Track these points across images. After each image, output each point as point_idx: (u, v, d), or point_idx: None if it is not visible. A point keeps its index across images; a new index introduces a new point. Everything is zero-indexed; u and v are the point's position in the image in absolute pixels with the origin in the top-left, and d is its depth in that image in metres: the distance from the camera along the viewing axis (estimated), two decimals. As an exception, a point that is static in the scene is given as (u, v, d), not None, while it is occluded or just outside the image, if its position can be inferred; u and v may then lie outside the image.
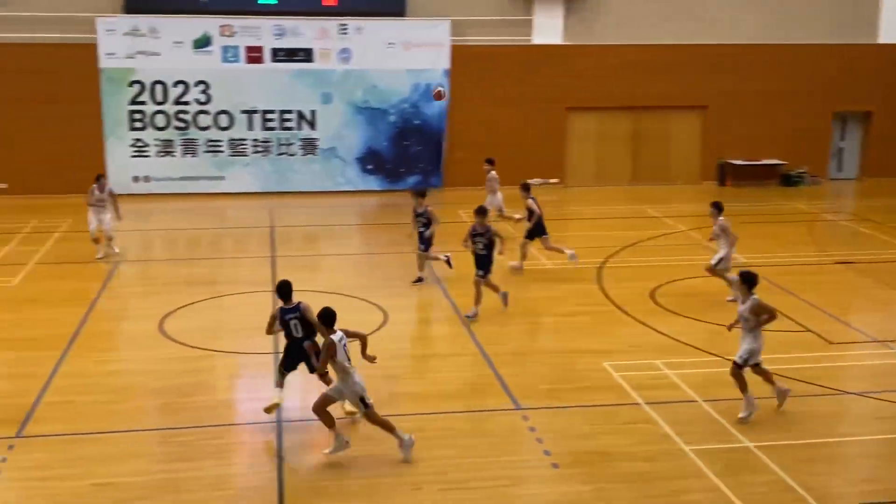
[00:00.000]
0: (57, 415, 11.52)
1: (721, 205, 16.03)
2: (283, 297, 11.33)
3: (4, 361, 13.54)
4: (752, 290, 11.33)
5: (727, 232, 15.91)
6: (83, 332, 14.48)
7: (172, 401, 12.09)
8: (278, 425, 11.34)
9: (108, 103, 24.86)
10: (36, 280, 17.35)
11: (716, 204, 16.00)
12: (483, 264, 15.31)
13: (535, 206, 17.69)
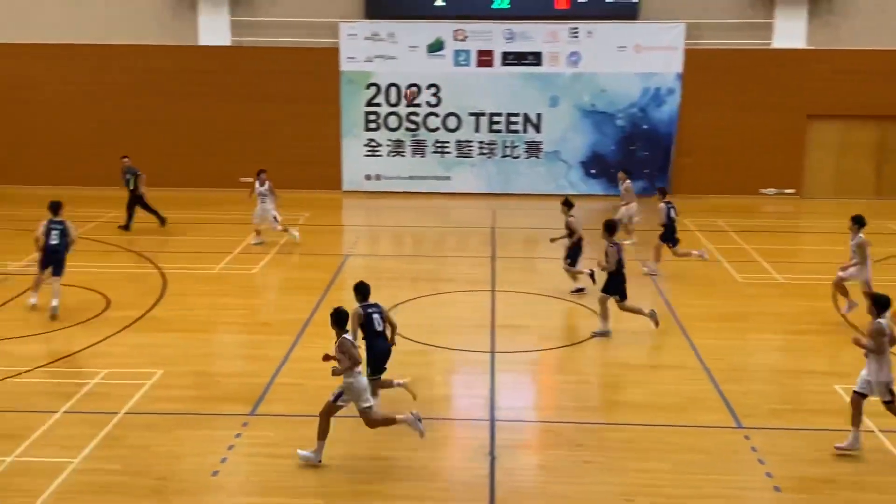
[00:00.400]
0: (287, 396, 12.18)
1: (860, 219, 15.01)
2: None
3: (243, 343, 14.50)
4: (883, 314, 10.37)
5: (863, 249, 14.93)
6: (314, 320, 15.22)
7: (392, 391, 12.47)
8: (491, 423, 11.45)
9: (346, 105, 26.07)
10: (275, 269, 18.43)
11: (855, 218, 15.02)
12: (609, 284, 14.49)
13: (665, 212, 17.58)
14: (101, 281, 17.20)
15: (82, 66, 25.90)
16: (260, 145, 26.15)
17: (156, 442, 10.82)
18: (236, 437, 10.97)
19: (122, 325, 14.88)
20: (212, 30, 25.83)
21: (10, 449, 10.52)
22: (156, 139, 26.05)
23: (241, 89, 25.93)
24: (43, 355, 13.51)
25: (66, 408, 11.67)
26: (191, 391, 12.31)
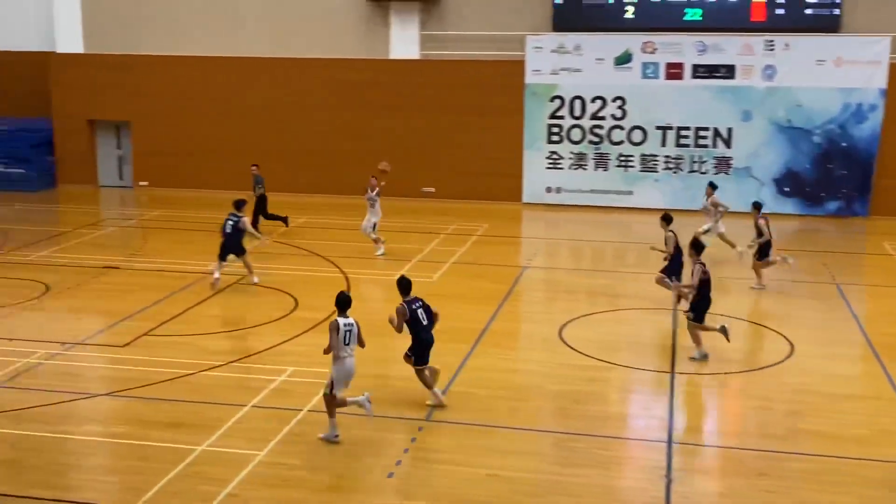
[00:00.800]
0: (461, 404, 12.29)
1: None
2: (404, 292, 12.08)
3: (421, 349, 14.76)
4: None
5: None
6: (490, 330, 15.32)
7: (567, 406, 12.39)
8: (668, 445, 11.16)
9: (530, 117, 26.15)
10: (452, 278, 18.68)
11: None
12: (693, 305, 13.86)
13: (765, 227, 17.39)
14: (291, 283, 17.94)
15: (282, 78, 27.16)
16: (443, 156, 26.63)
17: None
18: (411, 442, 11.17)
19: (307, 325, 15.46)
20: (402, 43, 26.53)
21: (202, 439, 11.13)
22: (347, 149, 26.97)
23: (428, 101, 26.49)
24: (234, 351, 14.22)
25: (255, 402, 12.24)
26: (369, 392, 12.60)
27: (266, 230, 21.48)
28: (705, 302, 13.87)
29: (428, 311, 12.21)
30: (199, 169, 27.78)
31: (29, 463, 10.57)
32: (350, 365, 11.26)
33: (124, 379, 13.12)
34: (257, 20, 27.13)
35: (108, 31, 27.78)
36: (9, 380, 13.01)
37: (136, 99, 27.89)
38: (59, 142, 28.54)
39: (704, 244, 14.59)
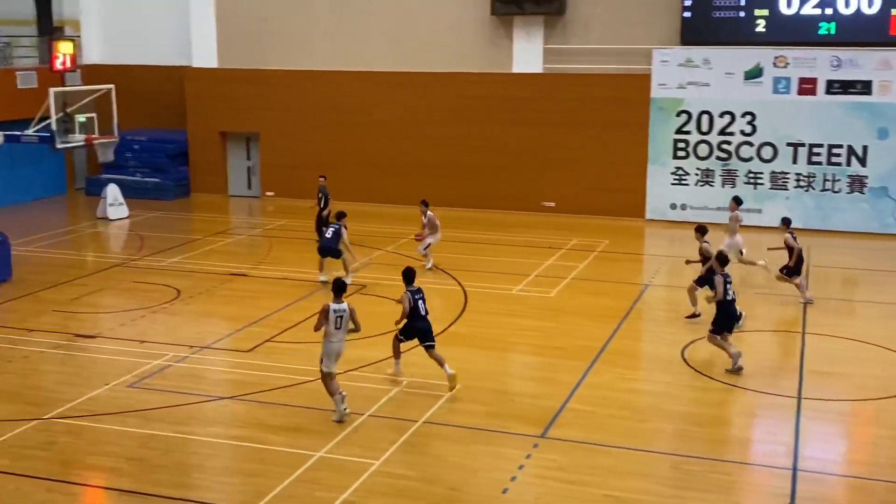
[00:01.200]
0: (578, 422, 12.14)
1: None
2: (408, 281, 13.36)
3: (537, 365, 14.66)
4: None
5: None
6: (609, 348, 15.09)
7: (687, 428, 12.09)
8: (793, 473, 10.74)
9: (655, 132, 25.71)
10: (572, 293, 18.49)
11: None
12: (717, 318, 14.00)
13: (793, 242, 17.33)
14: (409, 294, 18.09)
15: (406, 92, 27.52)
16: (564, 170, 26.45)
17: (450, 453, 11.18)
18: (526, 458, 11.08)
19: (425, 337, 15.55)
20: (526, 57, 26.51)
21: (320, 445, 11.31)
22: (468, 162, 27.10)
23: (550, 115, 26.37)
24: (353, 360, 14.40)
25: (371, 411, 12.37)
26: (485, 407, 12.60)
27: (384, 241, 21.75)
28: (725, 315, 13.94)
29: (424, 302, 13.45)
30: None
31: (156, 462, 10.95)
32: (338, 348, 12.20)
33: (247, 383, 13.47)
34: (383, 35, 27.57)
35: (241, 46, 28.73)
36: (139, 380, 13.54)
37: (266, 112, 28.72)
38: (192, 152, 29.64)
39: (728, 258, 14.76)
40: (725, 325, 14.02)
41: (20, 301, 17.67)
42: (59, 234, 24.10)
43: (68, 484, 10.43)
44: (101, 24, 30.84)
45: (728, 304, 14.00)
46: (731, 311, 14.07)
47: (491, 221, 25.68)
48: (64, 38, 25.54)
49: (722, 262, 14.28)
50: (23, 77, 27.33)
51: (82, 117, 19.22)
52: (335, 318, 12.10)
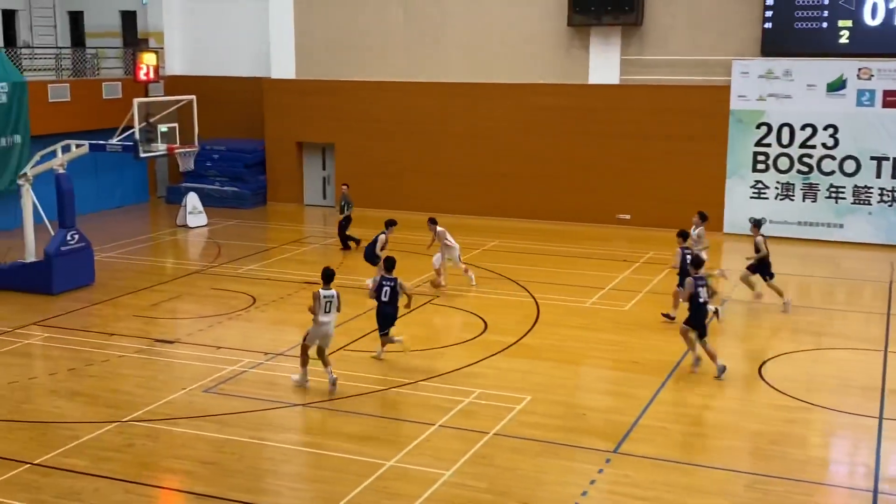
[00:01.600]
0: (651, 438, 11.96)
1: None
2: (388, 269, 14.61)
3: (611, 379, 14.50)
4: None
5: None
6: (684, 363, 14.84)
7: (763, 446, 11.82)
8: (874, 496, 10.41)
9: (734, 144, 25.28)
10: (646, 307, 18.25)
11: None
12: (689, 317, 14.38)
13: (763, 246, 17.69)
14: (481, 306, 18.09)
15: (480, 103, 27.55)
16: (640, 182, 26.18)
17: (521, 465, 11.11)
18: (598, 473, 10.96)
19: (496, 348, 15.52)
20: (602, 68, 26.33)
21: (391, 454, 11.35)
22: (543, 173, 27.01)
23: (626, 126, 26.14)
24: (424, 370, 14.45)
25: (442, 422, 12.37)
26: (557, 420, 12.51)
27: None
28: (696, 314, 14.22)
29: (395, 292, 14.62)
30: (398, 190, 28.57)
31: (230, 466, 11.12)
32: (325, 329, 13.49)
33: (320, 391, 13.59)
34: (459, 47, 27.68)
35: (318, 57, 29.13)
36: (215, 385, 13.77)
37: (341, 122, 29.05)
38: (270, 162, 30.12)
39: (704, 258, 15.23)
40: (696, 324, 14.25)
41: (102, 305, 18.14)
42: (140, 240, 24.69)
43: (145, 486, 10.64)
44: (183, 36, 31.60)
45: (700, 306, 14.22)
46: (702, 312, 14.30)
47: (565, 233, 25.54)
48: (148, 50, 26.30)
49: (696, 265, 14.54)
50: (108, 88, 28.12)
51: (164, 127, 19.65)
52: (325, 303, 13.47)
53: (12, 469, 10.93)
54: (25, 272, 19.11)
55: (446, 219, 26.83)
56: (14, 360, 14.99)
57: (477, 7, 27.35)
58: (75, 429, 12.14)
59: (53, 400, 13.26)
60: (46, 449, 11.50)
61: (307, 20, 29.10)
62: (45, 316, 17.33)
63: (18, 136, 24.89)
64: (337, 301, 13.55)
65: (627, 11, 25.34)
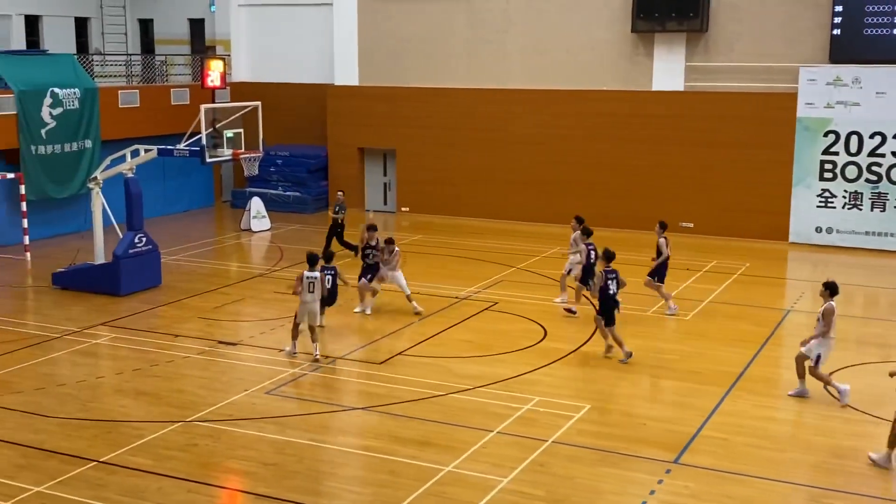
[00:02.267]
0: (712, 449, 11.81)
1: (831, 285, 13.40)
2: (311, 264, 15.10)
3: (671, 389, 14.34)
4: None
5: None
6: (747, 375, 14.63)
7: (827, 460, 11.61)
8: (945, 515, 10.15)
9: (800, 152, 24.84)
10: (709, 317, 18.02)
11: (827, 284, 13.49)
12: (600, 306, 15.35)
13: (664, 248, 17.77)
14: (541, 312, 18.04)
15: (542, 110, 27.49)
16: (703, 190, 25.88)
17: (579, 474, 11.06)
18: (658, 483, 10.85)
19: (555, 356, 15.47)
20: (666, 75, 26.10)
21: (448, 459, 11.38)
22: (604, 179, 26.85)
23: (690, 133, 25.86)
24: (482, 376, 14.46)
25: (500, 429, 12.37)
26: (616, 429, 12.42)
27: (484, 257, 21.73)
28: (606, 305, 15.16)
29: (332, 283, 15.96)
30: (457, 196, 28.63)
31: (290, 468, 11.25)
32: (310, 307, 15.03)
33: (378, 395, 13.69)
34: (521, 53, 27.66)
35: (381, 64, 29.35)
36: (276, 388, 13.95)
37: (402, 129, 29.21)
38: (332, 168, 30.42)
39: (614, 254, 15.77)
40: (605, 314, 15.22)
41: (168, 307, 18.49)
42: (205, 244, 25.12)
43: (207, 486, 10.82)
44: (249, 43, 32.10)
45: (609, 297, 15.16)
46: (611, 304, 15.22)
47: (626, 241, 25.26)
48: (215, 57, 26.75)
49: (608, 259, 15.51)
50: (176, 94, 28.69)
51: (230, 132, 19.97)
52: (308, 284, 14.96)
53: (79, 466, 11.21)
54: (94, 274, 19.58)
55: (506, 225, 26.93)
56: (82, 360, 15.37)
57: (540, 13, 27.32)
58: (140, 428, 12.40)
59: (119, 399, 13.56)
60: (112, 447, 11.76)
61: (371, 27, 29.35)
62: (113, 317, 17.73)
63: (89, 141, 25.53)
64: (319, 282, 15.05)
65: (692, 17, 25.09)
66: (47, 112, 24.27)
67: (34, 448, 11.73)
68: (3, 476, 10.92)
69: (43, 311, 18.39)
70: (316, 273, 15.08)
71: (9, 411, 12.96)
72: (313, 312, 15.16)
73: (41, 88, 24.11)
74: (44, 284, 20.09)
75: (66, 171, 24.91)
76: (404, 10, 28.84)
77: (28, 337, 16.48)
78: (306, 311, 15.09)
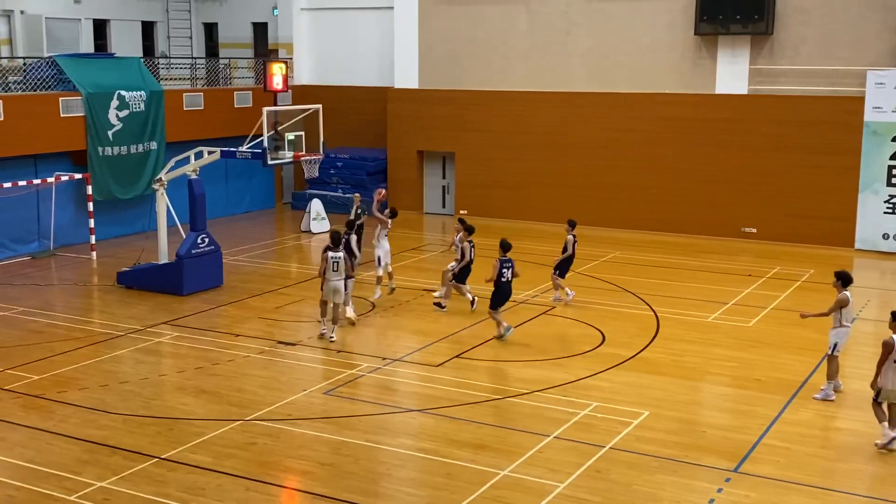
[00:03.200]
0: (774, 458, 11.61)
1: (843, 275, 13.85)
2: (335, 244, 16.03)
3: (732, 397, 14.12)
4: None
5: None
6: (811, 383, 14.35)
7: (892, 472, 11.31)
8: None
9: (867, 157, 24.28)
10: (771, 324, 17.72)
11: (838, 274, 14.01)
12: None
13: (570, 247, 18.46)
14: (599, 317, 17.90)
15: (603, 113, 27.30)
16: (767, 195, 25.44)
17: (637, 481, 10.95)
18: (717, 492, 10.69)
19: (614, 361, 15.34)
20: (729, 78, 25.73)
21: (505, 463, 11.34)
22: (665, 184, 26.57)
23: (753, 137, 25.46)
24: (539, 381, 14.38)
25: (557, 434, 12.29)
26: (675, 437, 12.26)
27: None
28: (499, 294, 16.45)
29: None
30: (516, 200, 28.56)
31: (346, 468, 11.31)
32: (334, 285, 15.93)
33: (434, 397, 13.71)
34: (582, 56, 27.50)
35: (441, 67, 29.41)
36: (334, 388, 14.04)
37: (461, 132, 29.23)
38: (391, 170, 30.56)
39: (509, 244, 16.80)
40: (498, 302, 16.45)
41: (229, 307, 18.74)
42: (266, 245, 25.42)
43: (265, 484, 10.93)
44: (311, 47, 32.43)
45: (503, 285, 16.37)
46: (504, 290, 16.44)
47: (687, 246, 25.03)
48: (277, 61, 27.03)
49: (504, 249, 16.57)
50: (239, 96, 29.08)
51: (291, 135, 20.17)
52: (332, 263, 15.91)
53: (140, 462, 11.40)
54: (158, 273, 19.93)
55: (565, 229, 26.71)
56: (145, 358, 15.64)
57: (602, 16, 27.14)
58: (201, 426, 12.58)
59: (181, 397, 13.77)
60: (173, 444, 11.95)
61: (431, 30, 29.44)
62: (175, 316, 18.02)
63: (155, 143, 25.99)
64: (343, 262, 16.00)
65: (757, 20, 24.71)
66: (114, 114, 24.77)
67: (98, 444, 11.97)
68: (67, 471, 11.16)
69: (108, 309, 18.77)
70: (340, 253, 16.01)
71: (74, 407, 13.25)
72: (338, 290, 16.05)
73: (108, 91, 24.61)
74: (109, 283, 20.51)
75: (131, 173, 25.39)
76: (465, 13, 28.87)
77: (93, 334, 16.84)
78: (330, 289, 16.03)
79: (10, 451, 11.77)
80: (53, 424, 12.61)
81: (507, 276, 16.49)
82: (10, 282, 20.71)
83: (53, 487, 10.72)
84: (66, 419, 12.81)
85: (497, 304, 16.52)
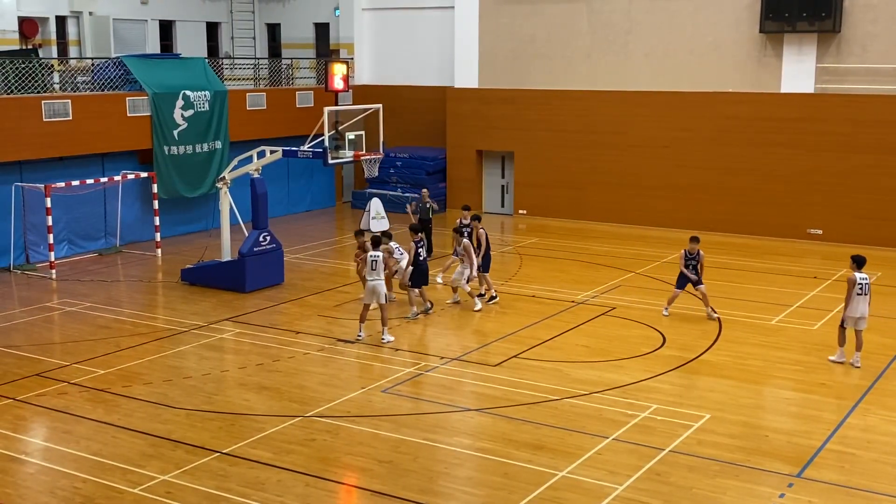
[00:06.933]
0: (839, 464, 11.38)
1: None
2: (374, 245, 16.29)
3: (796, 401, 13.86)
4: None
5: None
6: (877, 388, 14.03)
7: None
8: None
9: (938, 157, 23.68)
10: (836, 328, 17.32)
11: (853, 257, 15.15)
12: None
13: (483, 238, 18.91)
14: (660, 319, 17.71)
15: (665, 112, 27.00)
16: (833, 196, 24.94)
17: (697, 485, 10.81)
18: (780, 497, 10.51)
19: (674, 364, 15.16)
20: (795, 76, 25.26)
21: (563, 464, 11.29)
22: (728, 184, 26.19)
23: (820, 138, 24.97)
24: (598, 382, 14.28)
25: (616, 435, 12.19)
26: (736, 441, 12.08)
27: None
28: (418, 273, 17.71)
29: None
30: (576, 199, 28.39)
31: (405, 466, 11.36)
32: (372, 286, 15.92)
33: (492, 397, 13.69)
34: (645, 55, 27.23)
35: (501, 67, 29.36)
36: (392, 386, 14.11)
37: (521, 131, 29.14)
38: (450, 170, 30.60)
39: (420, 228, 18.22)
40: (419, 281, 17.72)
41: (290, 304, 18.94)
42: (326, 243, 25.63)
43: (324, 480, 11.03)
44: (372, 47, 32.62)
45: (420, 264, 17.60)
46: (422, 269, 17.70)
47: (750, 247, 24.64)
48: (339, 61, 27.26)
49: (414, 231, 17.82)
50: (301, 96, 29.37)
51: (352, 134, 20.31)
52: (371, 262, 16.00)
53: (203, 457, 11.58)
54: (221, 270, 20.22)
55: (626, 229, 26.58)
56: (208, 353, 15.89)
57: (664, 14, 26.85)
58: (261, 421, 12.73)
59: (242, 393, 13.95)
60: (235, 439, 12.12)
61: (491, 30, 29.40)
62: (238, 312, 18.27)
63: (219, 142, 26.38)
64: (381, 262, 16.01)
65: (824, 18, 24.22)
66: (179, 114, 25.19)
67: (161, 437, 12.20)
68: (131, 464, 11.38)
69: (172, 305, 19.10)
70: (378, 253, 16.07)
71: (139, 401, 13.51)
72: (378, 292, 15.99)
73: (174, 91, 25.04)
74: (173, 280, 20.88)
75: (196, 171, 25.81)
76: (525, 12, 28.78)
77: (157, 330, 17.15)
78: (370, 289, 16.05)
79: (76, 443, 12.05)
80: (119, 418, 12.88)
81: (423, 254, 17.73)
82: (77, 278, 21.20)
83: (118, 480, 10.95)
84: (131, 413, 13.07)
85: (417, 282, 17.75)
